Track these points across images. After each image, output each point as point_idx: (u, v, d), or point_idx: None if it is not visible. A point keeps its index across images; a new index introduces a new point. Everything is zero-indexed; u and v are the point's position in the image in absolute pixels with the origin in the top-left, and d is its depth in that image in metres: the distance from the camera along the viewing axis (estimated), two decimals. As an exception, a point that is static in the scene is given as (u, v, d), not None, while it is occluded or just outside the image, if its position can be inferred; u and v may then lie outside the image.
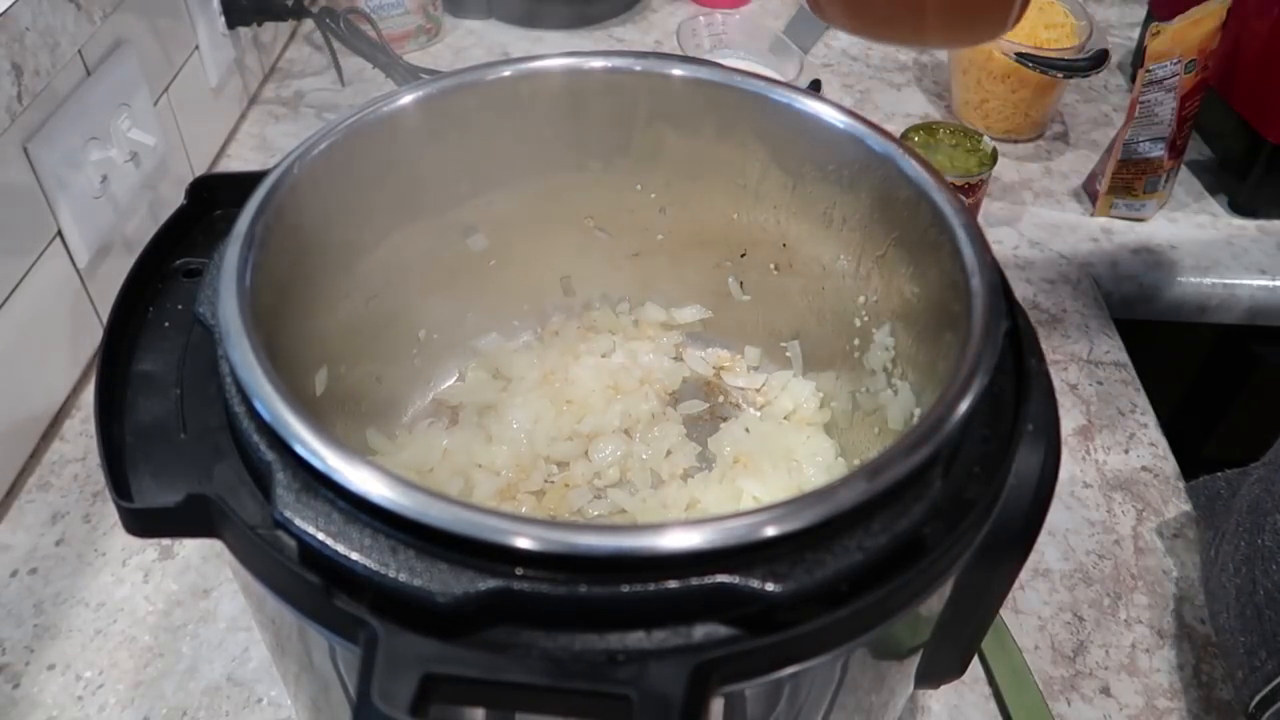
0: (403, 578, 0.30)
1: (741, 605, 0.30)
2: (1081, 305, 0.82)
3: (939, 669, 0.44)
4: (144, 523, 0.34)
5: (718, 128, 0.51)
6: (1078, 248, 0.88)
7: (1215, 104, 0.91)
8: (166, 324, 0.41)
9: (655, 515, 0.51)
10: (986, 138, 0.87)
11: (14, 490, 0.65)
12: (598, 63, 0.50)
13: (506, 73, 0.49)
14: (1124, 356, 0.78)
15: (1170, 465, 0.70)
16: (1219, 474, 0.63)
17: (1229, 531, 0.57)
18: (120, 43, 0.73)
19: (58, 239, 0.67)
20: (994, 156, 0.86)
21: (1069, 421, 0.73)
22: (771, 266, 0.55)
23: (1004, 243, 0.88)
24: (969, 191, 0.85)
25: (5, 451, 0.64)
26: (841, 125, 0.47)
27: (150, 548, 0.62)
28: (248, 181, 0.42)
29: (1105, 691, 0.57)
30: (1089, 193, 0.94)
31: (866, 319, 0.50)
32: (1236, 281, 0.86)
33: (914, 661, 0.42)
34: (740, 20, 1.01)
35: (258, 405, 0.33)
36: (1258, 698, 0.51)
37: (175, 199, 0.45)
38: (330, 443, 0.32)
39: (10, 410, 0.64)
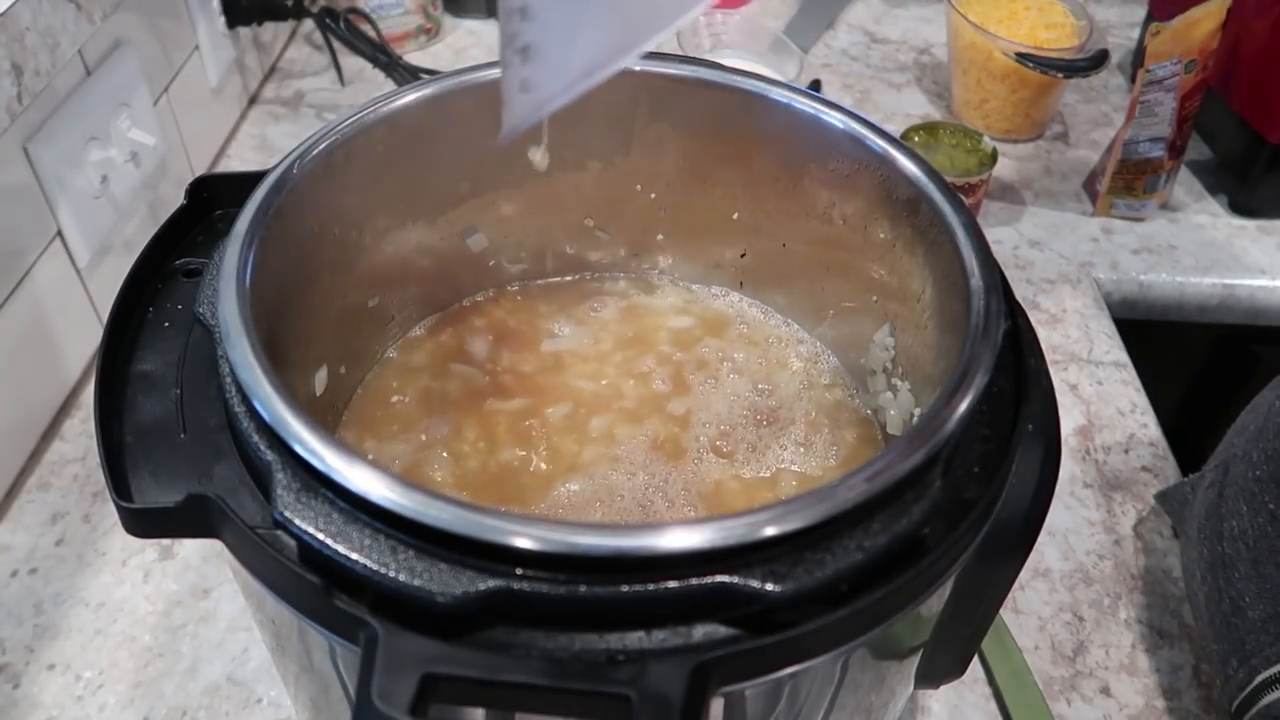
0: (403, 578, 0.30)
1: (741, 605, 0.30)
2: (1081, 305, 0.83)
3: (939, 669, 0.44)
4: (144, 523, 0.34)
5: (718, 128, 0.51)
6: (1078, 248, 0.88)
7: (1215, 104, 0.91)
8: (166, 324, 0.41)
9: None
10: (986, 138, 0.87)
11: (14, 490, 0.65)
12: (598, 63, 0.50)
13: (506, 73, 0.49)
14: (1124, 356, 0.78)
15: (1170, 465, 0.70)
16: (1185, 479, 0.63)
17: (1194, 538, 0.57)
18: (120, 43, 0.73)
19: (58, 239, 0.67)
20: (994, 156, 0.86)
21: (1069, 421, 0.73)
22: (771, 267, 0.55)
23: (1004, 243, 0.88)
24: (969, 191, 0.85)
25: (5, 451, 0.64)
26: (841, 125, 0.47)
27: (150, 548, 0.62)
28: (248, 181, 0.42)
29: (1105, 691, 0.57)
30: (1089, 193, 0.94)
31: (866, 319, 0.50)
32: (1236, 281, 0.86)
33: (914, 661, 0.42)
34: (740, 20, 1.01)
35: (258, 405, 0.33)
36: (1234, 704, 0.52)
37: (175, 199, 0.45)
38: (330, 443, 0.32)
39: (10, 410, 0.64)
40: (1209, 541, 0.55)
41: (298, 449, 0.32)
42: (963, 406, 0.34)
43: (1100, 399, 0.75)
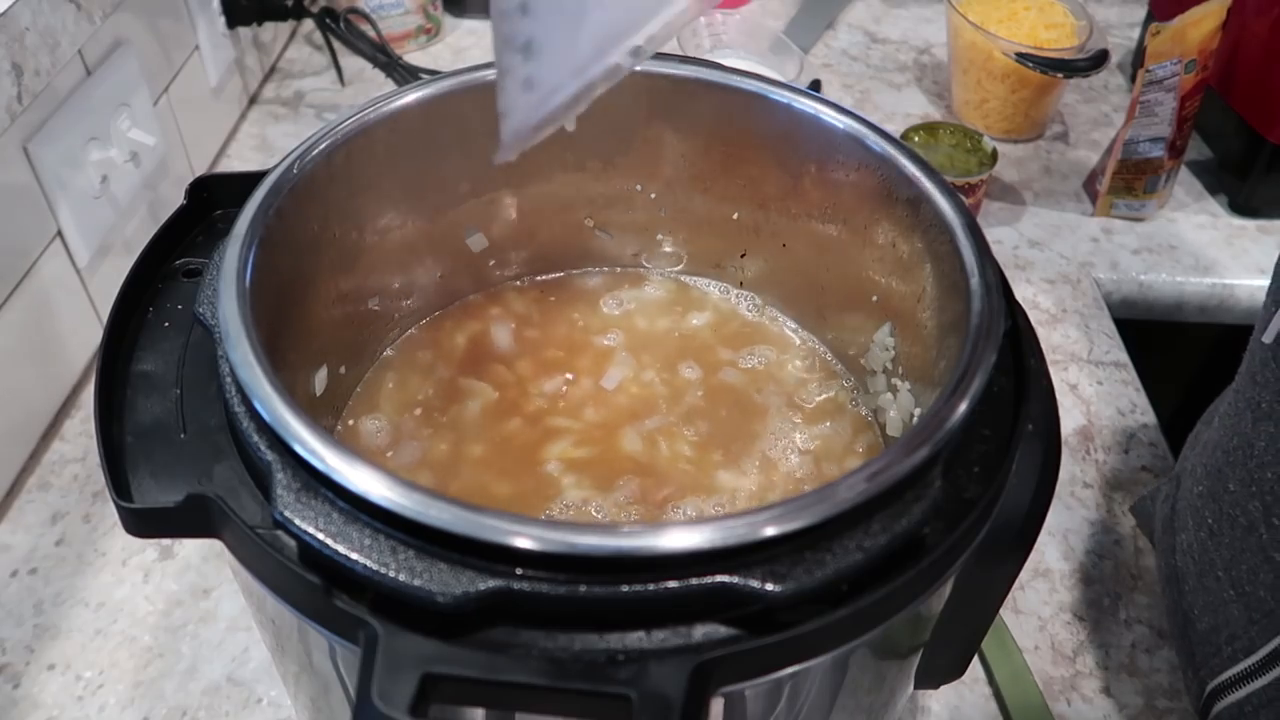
0: (403, 578, 0.30)
1: (741, 605, 0.30)
2: (1081, 305, 0.82)
3: (939, 669, 0.44)
4: (144, 523, 0.34)
5: (717, 128, 0.51)
6: (1078, 248, 0.88)
7: (1215, 104, 0.91)
8: (166, 324, 0.41)
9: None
10: (986, 138, 0.87)
11: (14, 490, 0.65)
12: (598, 63, 0.50)
13: (506, 73, 0.49)
14: (1124, 356, 0.78)
15: (1170, 465, 0.70)
16: (1146, 493, 0.64)
17: (1156, 550, 0.58)
18: (120, 43, 0.73)
19: (58, 239, 0.67)
20: (994, 156, 0.86)
21: (1069, 421, 0.73)
22: (771, 267, 0.55)
23: (1004, 243, 0.88)
24: (969, 191, 0.85)
25: (5, 451, 0.64)
26: (841, 125, 0.47)
27: (150, 548, 0.62)
28: (248, 181, 0.42)
29: (1105, 691, 0.57)
30: (1089, 193, 0.94)
31: (866, 319, 0.50)
32: (1236, 281, 0.86)
33: (914, 661, 0.42)
34: (740, 20, 1.01)
35: (258, 405, 0.33)
36: (1197, 714, 0.53)
37: (175, 199, 0.45)
38: (330, 443, 0.32)
39: (10, 410, 0.64)
40: (1165, 555, 0.56)
41: (298, 449, 0.32)
42: (963, 406, 0.34)
43: (1100, 399, 0.75)
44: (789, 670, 0.32)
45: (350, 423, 0.50)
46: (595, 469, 0.49)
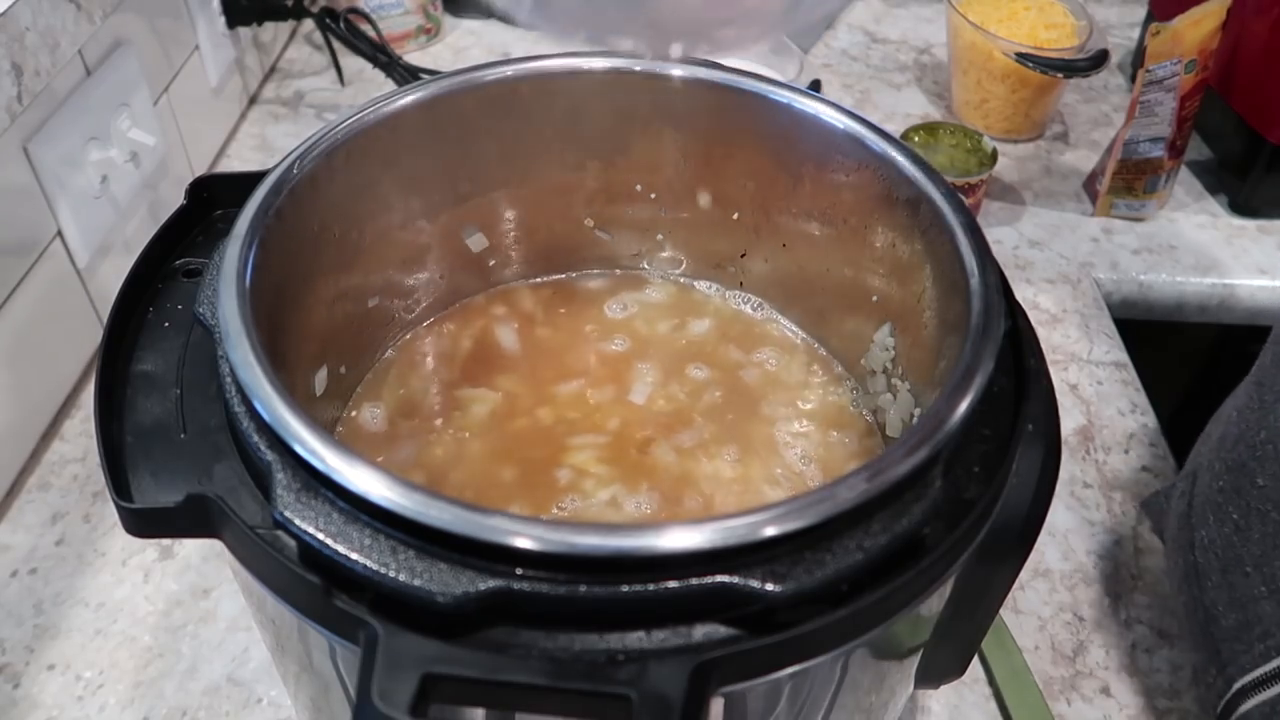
0: (403, 578, 0.30)
1: (742, 605, 0.30)
2: (1081, 305, 0.82)
3: (939, 669, 0.44)
4: (144, 523, 0.34)
5: (718, 128, 0.51)
6: (1078, 248, 0.88)
7: (1215, 104, 0.91)
8: (166, 324, 0.41)
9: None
10: (986, 138, 0.87)
11: (14, 490, 0.65)
12: (598, 63, 0.50)
13: (507, 73, 0.49)
14: (1124, 356, 0.78)
15: (1170, 465, 0.70)
16: (1160, 489, 0.64)
17: (1170, 547, 0.57)
18: (120, 43, 0.73)
19: (58, 239, 0.67)
20: (994, 156, 0.86)
21: (1069, 421, 0.73)
22: (771, 267, 0.55)
23: (1004, 243, 0.88)
24: (969, 191, 0.85)
25: (5, 451, 0.64)
26: (841, 125, 0.47)
27: (150, 548, 0.62)
28: (248, 181, 0.42)
29: (1105, 691, 0.57)
30: (1089, 193, 0.94)
31: (866, 319, 0.50)
32: (1236, 281, 0.86)
33: (914, 661, 0.42)
34: (740, 20, 1.01)
35: (258, 405, 0.33)
36: (1216, 712, 0.52)
37: (175, 199, 0.45)
38: (330, 443, 0.32)
39: (10, 410, 0.64)
40: (1182, 551, 0.55)
41: (298, 449, 0.32)
42: (963, 406, 0.34)
43: (1100, 399, 0.75)
44: (789, 670, 0.32)
45: (352, 415, 0.50)
46: (603, 478, 0.49)
